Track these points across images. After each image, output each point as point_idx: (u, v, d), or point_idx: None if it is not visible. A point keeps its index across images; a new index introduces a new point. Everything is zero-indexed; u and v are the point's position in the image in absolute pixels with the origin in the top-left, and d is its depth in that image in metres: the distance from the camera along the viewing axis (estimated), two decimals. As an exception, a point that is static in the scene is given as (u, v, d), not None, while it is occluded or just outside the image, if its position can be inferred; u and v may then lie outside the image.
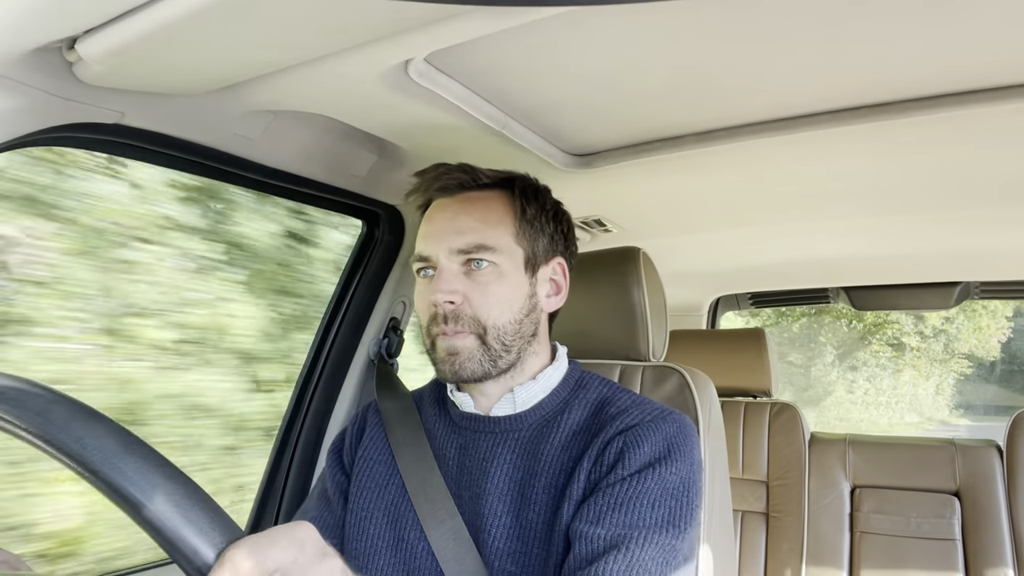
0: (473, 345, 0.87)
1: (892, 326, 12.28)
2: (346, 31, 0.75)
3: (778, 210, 1.54)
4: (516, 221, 0.91)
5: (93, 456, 0.41)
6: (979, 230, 1.63)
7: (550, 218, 0.96)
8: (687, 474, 0.81)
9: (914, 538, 1.89)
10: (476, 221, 0.89)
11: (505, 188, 0.94)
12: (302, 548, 0.43)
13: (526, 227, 0.92)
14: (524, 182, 0.96)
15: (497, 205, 0.92)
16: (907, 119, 1.00)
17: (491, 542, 0.84)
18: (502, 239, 0.89)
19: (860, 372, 13.44)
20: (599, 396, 0.93)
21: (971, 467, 1.92)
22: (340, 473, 1.01)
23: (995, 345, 12.74)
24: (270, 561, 0.40)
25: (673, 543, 0.76)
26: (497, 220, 0.90)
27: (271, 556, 0.41)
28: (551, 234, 0.95)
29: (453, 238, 0.88)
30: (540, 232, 0.93)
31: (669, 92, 1.01)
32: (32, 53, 0.75)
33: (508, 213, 0.92)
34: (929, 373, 13.93)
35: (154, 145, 1.00)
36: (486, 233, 0.88)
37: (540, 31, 0.83)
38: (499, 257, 0.88)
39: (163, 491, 0.41)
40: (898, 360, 13.27)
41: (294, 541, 0.43)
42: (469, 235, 0.88)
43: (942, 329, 12.38)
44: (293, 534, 0.43)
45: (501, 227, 0.90)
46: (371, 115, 1.04)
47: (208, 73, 0.86)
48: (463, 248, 0.88)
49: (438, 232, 0.90)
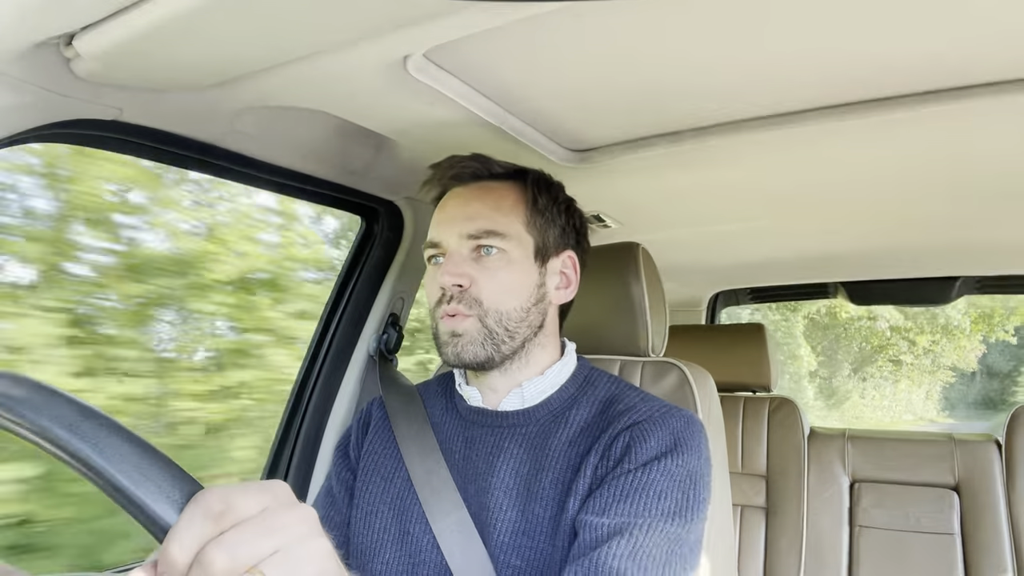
0: (475, 328, 0.87)
1: (892, 347, 15.43)
2: (344, 26, 0.75)
3: (777, 205, 1.54)
4: (527, 210, 0.92)
5: (50, 424, 0.41)
6: (977, 225, 1.63)
7: (562, 210, 0.96)
8: (694, 467, 0.81)
9: (913, 532, 1.89)
10: (487, 208, 0.90)
11: (518, 179, 0.95)
12: (275, 497, 0.42)
13: (537, 217, 0.93)
14: (537, 174, 0.97)
15: (509, 194, 0.93)
16: (905, 114, 1.00)
17: (496, 536, 0.84)
18: (512, 226, 0.90)
19: (868, 382, 16.54)
20: (607, 393, 0.93)
21: (970, 461, 1.92)
22: (346, 470, 1.01)
23: (973, 360, 15.65)
24: (241, 505, 0.39)
25: (679, 532, 0.76)
26: (509, 208, 0.91)
27: (241, 500, 0.40)
28: (562, 226, 0.96)
29: (464, 223, 0.89)
30: (551, 223, 0.94)
31: (668, 87, 1.01)
32: (30, 49, 0.75)
33: (520, 202, 0.92)
34: (920, 382, 17.09)
35: (152, 141, 1.00)
36: (496, 219, 0.89)
37: (539, 26, 0.83)
38: (508, 244, 0.89)
39: (123, 454, 0.40)
40: (897, 372, 16.49)
41: (266, 491, 0.42)
42: (479, 221, 0.89)
43: (930, 349, 15.41)
44: (265, 485, 0.42)
45: (512, 215, 0.91)
46: (369, 111, 1.04)
47: (206, 69, 0.86)
48: (473, 233, 0.88)
49: (449, 218, 0.91)
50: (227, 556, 0.37)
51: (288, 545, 0.39)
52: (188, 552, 0.37)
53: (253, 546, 0.38)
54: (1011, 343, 14.98)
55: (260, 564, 0.38)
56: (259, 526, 0.39)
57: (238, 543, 0.38)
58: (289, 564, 0.39)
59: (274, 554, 0.38)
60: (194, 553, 0.37)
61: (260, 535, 0.39)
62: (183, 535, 0.38)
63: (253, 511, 0.40)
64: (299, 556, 0.39)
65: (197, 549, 0.37)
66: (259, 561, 0.38)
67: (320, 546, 0.41)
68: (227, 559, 0.37)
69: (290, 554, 0.39)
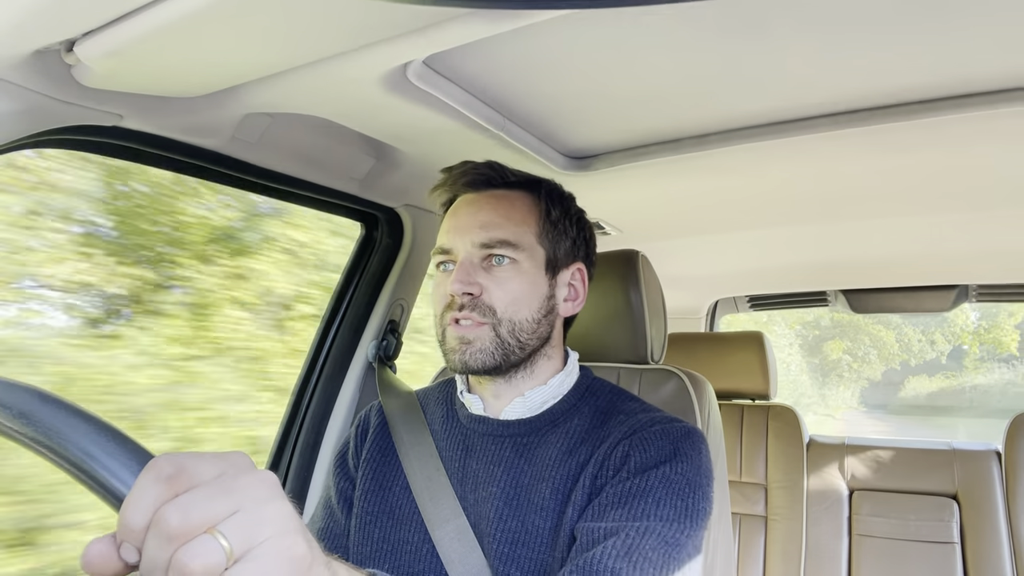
0: (487, 336, 0.87)
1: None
2: (345, 34, 0.75)
3: (776, 213, 1.54)
4: (540, 221, 0.92)
5: (4, 408, 0.42)
6: (977, 233, 1.63)
7: (573, 223, 0.96)
8: (693, 477, 0.80)
9: (912, 541, 1.89)
10: (501, 217, 0.89)
11: (531, 189, 0.94)
12: (232, 464, 0.41)
13: (550, 228, 0.92)
14: (551, 185, 0.96)
15: (522, 204, 0.92)
16: (904, 123, 1.00)
17: (496, 546, 0.83)
18: (525, 237, 0.89)
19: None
20: (608, 403, 0.92)
21: (969, 470, 1.92)
22: (344, 480, 1.00)
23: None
24: (195, 469, 0.39)
25: (677, 537, 0.74)
26: (521, 218, 0.90)
27: (196, 465, 0.39)
28: (573, 238, 0.95)
29: (476, 232, 0.88)
30: (563, 235, 0.93)
31: (667, 95, 1.01)
32: (31, 56, 0.75)
33: (533, 212, 0.92)
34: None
35: (153, 147, 1.00)
36: (510, 229, 0.88)
37: (538, 34, 0.83)
38: (520, 255, 0.88)
39: (77, 430, 0.41)
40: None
41: (223, 459, 0.41)
42: (492, 230, 0.88)
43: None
44: (221, 454, 0.42)
45: (525, 225, 0.90)
46: (370, 118, 1.04)
47: (206, 76, 0.86)
48: (485, 242, 0.88)
49: (462, 226, 0.90)
50: (181, 516, 0.36)
51: (247, 506, 0.38)
52: (143, 515, 0.37)
53: (209, 507, 0.37)
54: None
55: (218, 525, 0.37)
56: (214, 487, 0.38)
57: (193, 503, 0.37)
58: (248, 525, 0.38)
59: (232, 515, 0.38)
60: (149, 516, 0.37)
61: (216, 496, 0.38)
62: (137, 499, 0.38)
63: (209, 476, 0.39)
64: (259, 517, 0.38)
65: (152, 512, 0.37)
66: (216, 522, 0.37)
67: (280, 507, 0.40)
68: (181, 518, 0.36)
69: (249, 515, 0.38)
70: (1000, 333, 16.59)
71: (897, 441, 2.11)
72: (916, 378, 18.70)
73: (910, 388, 18.90)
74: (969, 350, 17.76)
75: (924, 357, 18.13)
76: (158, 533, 0.36)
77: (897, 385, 18.95)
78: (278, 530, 0.39)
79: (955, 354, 18.14)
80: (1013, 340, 16.29)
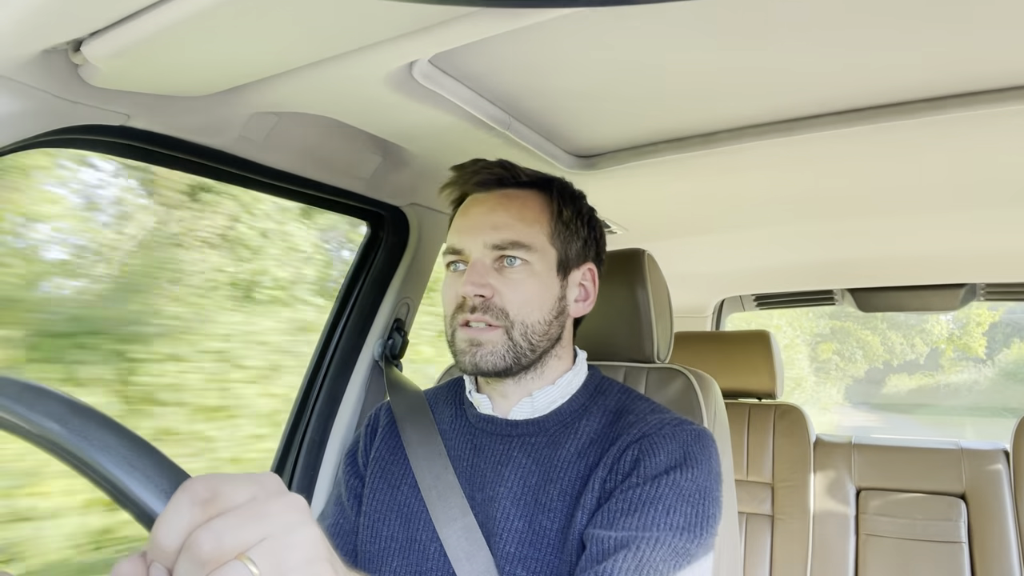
0: (499, 339, 0.86)
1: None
2: (351, 33, 0.75)
3: (783, 212, 1.53)
4: (552, 222, 0.91)
5: (41, 420, 0.42)
6: (985, 231, 1.62)
7: (585, 223, 0.95)
8: (703, 482, 0.79)
9: (920, 541, 1.88)
10: (513, 218, 0.89)
11: (543, 189, 0.94)
12: (263, 486, 0.41)
13: (562, 229, 0.92)
14: (562, 184, 0.96)
15: (534, 204, 0.91)
16: (911, 120, 1.00)
17: (503, 546, 0.83)
18: (537, 238, 0.89)
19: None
20: (617, 404, 0.92)
21: (977, 470, 1.91)
22: (354, 477, 1.00)
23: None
24: (229, 493, 0.39)
25: (687, 547, 0.74)
26: (533, 219, 0.90)
27: (230, 489, 0.39)
28: (584, 238, 0.95)
29: (489, 233, 0.88)
30: (575, 236, 0.93)
31: (674, 94, 1.01)
32: (38, 55, 0.75)
33: (544, 213, 0.91)
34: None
35: (159, 147, 1.00)
36: (522, 231, 0.88)
37: (544, 33, 0.83)
38: (532, 256, 0.88)
39: (113, 447, 0.41)
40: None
41: (255, 481, 0.41)
42: (505, 231, 0.87)
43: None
44: (254, 476, 0.42)
45: (537, 226, 0.90)
46: (375, 117, 1.04)
47: (213, 75, 0.86)
48: (498, 243, 0.87)
49: (474, 226, 0.90)
50: (214, 541, 0.36)
51: (276, 532, 0.39)
52: (176, 538, 0.37)
53: (241, 532, 0.37)
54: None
55: (249, 551, 0.37)
56: (247, 513, 0.39)
57: (225, 529, 0.37)
58: (278, 551, 0.38)
59: (262, 541, 0.38)
60: (182, 539, 0.37)
61: (248, 522, 0.38)
62: (171, 521, 0.38)
63: (241, 499, 0.39)
64: (288, 543, 0.39)
65: (185, 535, 0.37)
66: (247, 548, 0.37)
67: (309, 533, 0.40)
68: (214, 544, 0.36)
69: (279, 541, 0.38)
70: (970, 339, 18.43)
71: (904, 440, 2.11)
72: (897, 376, 20.35)
73: (891, 385, 20.48)
74: (944, 351, 19.50)
75: (905, 358, 19.72)
76: (191, 557, 0.37)
77: (879, 383, 20.39)
78: (306, 557, 0.39)
79: (932, 355, 19.92)
80: (980, 345, 18.23)
